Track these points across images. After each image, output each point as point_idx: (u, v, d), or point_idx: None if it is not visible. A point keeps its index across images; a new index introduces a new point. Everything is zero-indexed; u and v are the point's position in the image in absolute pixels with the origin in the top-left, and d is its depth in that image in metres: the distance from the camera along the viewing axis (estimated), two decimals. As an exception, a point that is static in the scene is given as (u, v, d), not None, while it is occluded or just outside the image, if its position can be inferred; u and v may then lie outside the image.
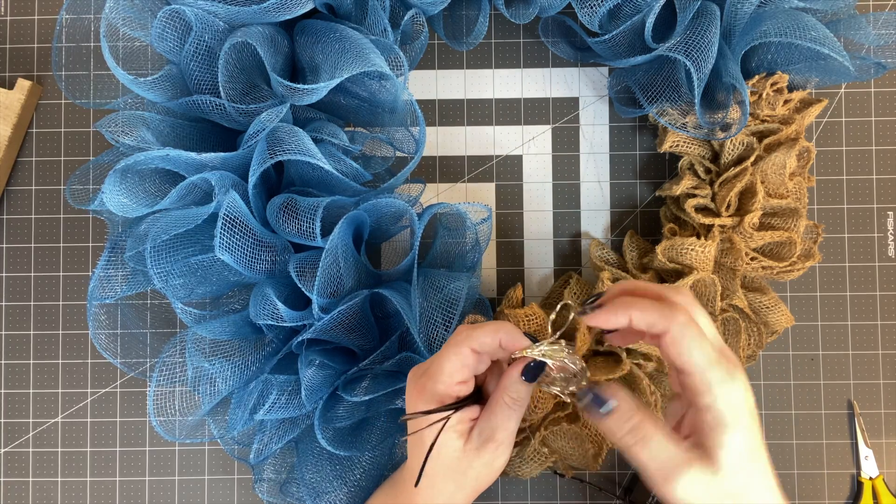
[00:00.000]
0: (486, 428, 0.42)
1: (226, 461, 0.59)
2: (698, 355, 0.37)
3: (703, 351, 0.37)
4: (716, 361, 0.37)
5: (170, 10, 0.50)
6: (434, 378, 0.41)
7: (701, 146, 0.56)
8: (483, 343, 0.41)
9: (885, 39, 0.53)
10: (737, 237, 0.54)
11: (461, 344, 0.41)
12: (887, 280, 0.59)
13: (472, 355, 0.41)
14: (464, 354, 0.41)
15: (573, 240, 0.60)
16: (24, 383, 0.59)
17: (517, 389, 0.41)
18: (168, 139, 0.52)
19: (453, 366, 0.41)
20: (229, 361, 0.52)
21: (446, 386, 0.41)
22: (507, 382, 0.41)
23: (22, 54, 0.60)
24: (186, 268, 0.50)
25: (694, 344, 0.37)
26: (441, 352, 0.42)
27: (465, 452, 0.42)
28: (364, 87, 0.54)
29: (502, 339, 0.41)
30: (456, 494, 0.43)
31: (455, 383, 0.41)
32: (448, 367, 0.41)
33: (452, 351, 0.41)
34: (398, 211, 0.53)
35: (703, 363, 0.37)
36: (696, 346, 0.37)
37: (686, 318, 0.38)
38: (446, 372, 0.41)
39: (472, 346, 0.41)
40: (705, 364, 0.37)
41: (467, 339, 0.41)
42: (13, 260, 0.60)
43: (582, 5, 0.53)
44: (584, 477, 0.58)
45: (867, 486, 0.58)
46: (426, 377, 0.42)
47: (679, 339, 0.37)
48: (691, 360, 0.37)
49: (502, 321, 0.42)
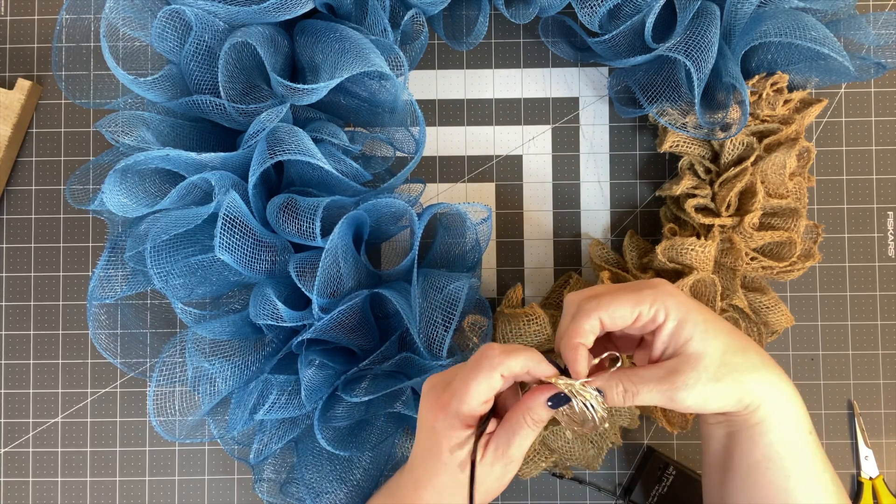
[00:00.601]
0: (503, 444, 0.42)
1: (226, 461, 0.59)
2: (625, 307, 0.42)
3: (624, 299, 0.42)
4: (635, 296, 0.42)
5: (170, 10, 0.50)
6: (460, 398, 0.41)
7: (701, 146, 0.56)
8: (514, 371, 0.41)
9: (885, 39, 0.53)
10: (737, 237, 0.54)
11: (494, 369, 0.41)
12: (887, 280, 0.59)
13: (501, 380, 0.41)
14: (494, 379, 0.41)
15: (573, 240, 0.60)
16: (24, 383, 0.59)
17: (540, 413, 0.42)
18: (168, 139, 0.52)
19: (482, 389, 0.41)
20: (229, 361, 0.52)
21: (471, 408, 0.41)
22: (533, 405, 0.42)
23: (22, 54, 0.60)
24: (186, 268, 0.50)
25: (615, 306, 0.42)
26: (470, 372, 0.41)
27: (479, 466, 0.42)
28: (364, 87, 0.54)
29: (531, 369, 0.41)
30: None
31: (481, 405, 0.41)
32: (477, 390, 0.41)
33: (484, 375, 0.41)
34: (398, 211, 0.53)
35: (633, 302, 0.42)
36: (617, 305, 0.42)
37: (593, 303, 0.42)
38: (474, 395, 0.41)
39: (503, 372, 0.41)
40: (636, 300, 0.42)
41: (500, 365, 0.41)
42: (13, 260, 0.60)
43: (582, 5, 0.53)
44: (584, 477, 0.58)
45: (867, 486, 0.58)
46: (450, 394, 0.42)
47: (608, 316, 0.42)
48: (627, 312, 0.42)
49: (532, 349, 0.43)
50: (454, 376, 0.42)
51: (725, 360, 0.41)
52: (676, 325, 0.42)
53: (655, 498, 0.56)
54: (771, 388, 0.42)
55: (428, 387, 0.43)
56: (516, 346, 0.42)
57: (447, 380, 0.43)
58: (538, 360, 0.42)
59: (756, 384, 0.42)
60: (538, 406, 0.42)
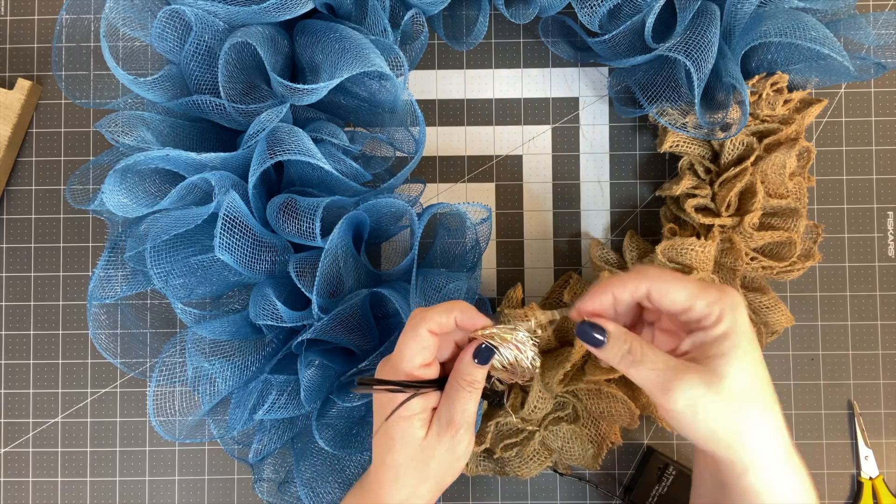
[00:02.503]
0: (445, 412, 0.42)
1: (226, 461, 0.59)
2: (681, 292, 0.39)
3: (685, 286, 0.39)
4: (703, 287, 0.39)
5: (170, 10, 0.50)
6: (394, 364, 0.41)
7: (701, 146, 0.56)
8: (439, 323, 0.41)
9: (885, 39, 0.53)
10: (737, 237, 0.54)
11: (417, 326, 0.41)
12: (887, 280, 0.59)
13: (430, 336, 0.41)
14: (421, 336, 0.41)
15: (573, 240, 0.60)
16: (24, 383, 0.59)
17: (471, 372, 0.41)
18: (168, 139, 0.52)
19: (412, 349, 0.41)
20: (229, 361, 0.52)
21: (409, 370, 0.41)
22: (461, 365, 0.41)
23: (22, 54, 0.60)
24: (186, 268, 0.50)
25: (672, 286, 0.39)
26: (401, 336, 0.42)
27: (428, 440, 0.42)
28: (364, 87, 0.54)
29: (458, 318, 0.41)
30: (419, 487, 0.42)
31: (417, 366, 0.41)
32: (407, 351, 0.41)
33: (409, 334, 0.41)
34: (398, 211, 0.53)
35: (690, 294, 0.39)
36: (674, 287, 0.39)
37: (656, 272, 0.40)
38: (406, 356, 0.41)
39: (428, 327, 0.40)
40: (694, 293, 0.39)
41: (422, 320, 0.41)
42: (13, 260, 0.60)
43: (582, 5, 0.53)
44: (584, 477, 0.58)
45: (867, 486, 0.58)
46: (388, 364, 0.42)
47: (660, 289, 0.39)
48: (679, 298, 0.39)
49: (457, 300, 0.42)
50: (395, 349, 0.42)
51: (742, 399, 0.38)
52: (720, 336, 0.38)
53: (655, 498, 0.56)
54: (773, 457, 0.39)
55: (377, 368, 0.44)
56: (439, 304, 0.41)
57: (389, 355, 0.43)
58: (462, 308, 0.41)
59: (756, 446, 0.38)
60: (465, 365, 0.41)
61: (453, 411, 0.41)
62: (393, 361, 0.42)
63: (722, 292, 0.39)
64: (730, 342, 0.38)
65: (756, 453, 0.39)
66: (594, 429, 0.56)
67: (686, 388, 0.38)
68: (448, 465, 0.43)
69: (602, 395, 0.54)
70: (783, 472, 0.39)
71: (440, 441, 0.42)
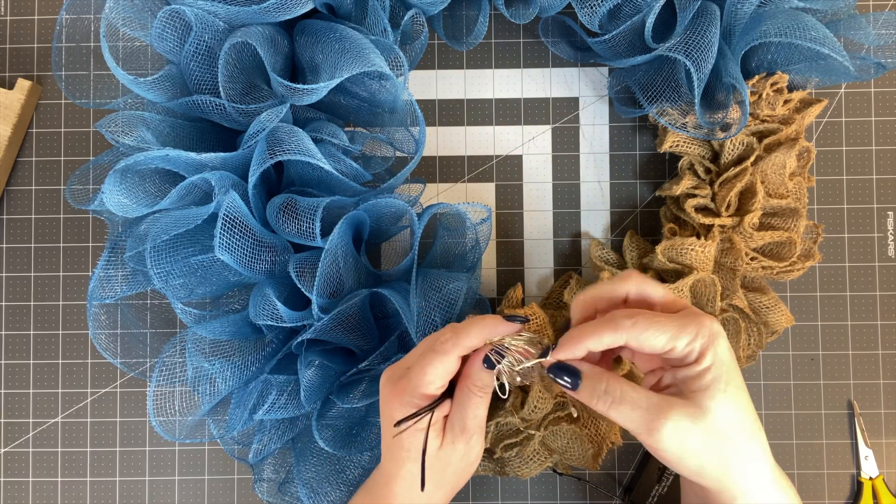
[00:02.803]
0: (458, 420, 0.42)
1: (226, 461, 0.59)
2: (661, 338, 0.38)
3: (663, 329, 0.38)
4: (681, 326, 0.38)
5: (170, 10, 0.50)
6: (415, 385, 0.41)
7: (701, 146, 0.56)
8: (469, 348, 0.41)
9: (885, 39, 0.53)
10: (737, 237, 0.54)
11: (449, 352, 0.40)
12: (887, 280, 0.59)
13: (458, 361, 0.41)
14: (450, 360, 0.40)
15: (573, 240, 0.60)
16: (24, 383, 0.59)
17: (481, 378, 0.41)
18: (168, 139, 0.52)
19: (437, 373, 0.40)
20: (229, 361, 0.52)
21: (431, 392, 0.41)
22: (471, 371, 0.41)
23: (22, 54, 0.60)
24: (186, 268, 0.50)
25: (650, 333, 0.38)
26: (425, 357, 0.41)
27: (444, 449, 0.42)
28: (364, 87, 0.54)
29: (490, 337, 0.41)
30: (435, 493, 0.43)
31: (438, 388, 0.41)
32: (432, 374, 0.40)
33: (439, 359, 0.40)
34: (398, 211, 0.53)
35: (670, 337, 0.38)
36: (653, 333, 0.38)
37: (630, 322, 0.38)
38: (430, 380, 0.40)
39: (459, 353, 0.40)
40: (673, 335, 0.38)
41: (455, 346, 0.40)
42: (13, 260, 0.60)
43: (582, 5, 0.53)
44: (584, 477, 0.58)
45: (867, 486, 0.58)
46: (406, 381, 0.41)
47: (638, 339, 0.38)
48: (659, 344, 0.38)
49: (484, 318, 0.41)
50: (411, 363, 0.42)
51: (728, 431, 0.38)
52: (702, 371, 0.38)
53: (655, 498, 0.56)
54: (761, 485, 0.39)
55: (385, 378, 0.43)
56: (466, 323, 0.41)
57: (404, 367, 0.42)
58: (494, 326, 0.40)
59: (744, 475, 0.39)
60: (476, 371, 0.41)
61: (466, 418, 0.41)
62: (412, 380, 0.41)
63: (699, 325, 0.38)
64: (711, 375, 0.38)
65: (745, 481, 0.39)
66: (594, 429, 0.56)
67: (672, 426, 0.37)
68: (463, 470, 0.43)
69: (602, 395, 0.54)
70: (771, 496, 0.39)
71: (455, 448, 0.42)
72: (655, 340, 0.38)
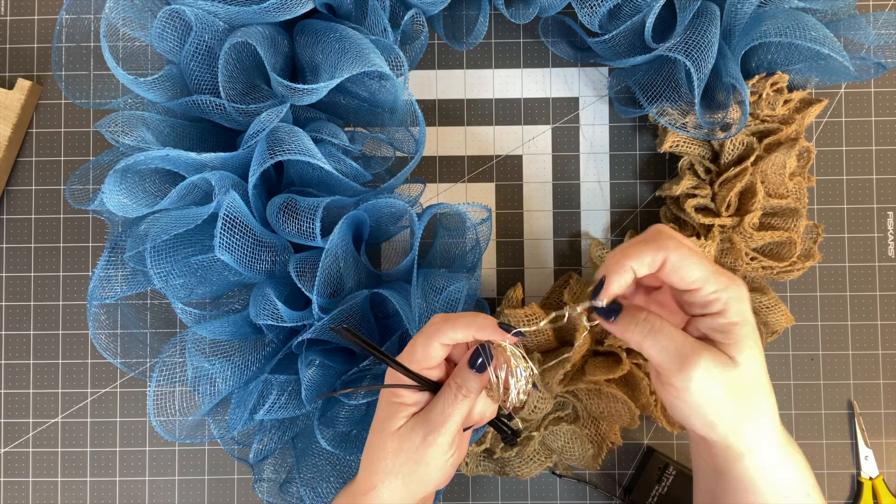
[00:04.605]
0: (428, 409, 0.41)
1: (226, 461, 0.59)
2: (697, 271, 0.39)
3: (702, 266, 0.39)
4: (717, 272, 0.39)
5: (170, 10, 0.50)
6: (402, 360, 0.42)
7: (701, 146, 0.56)
8: (453, 338, 0.40)
9: (885, 39, 0.53)
10: (737, 237, 0.54)
11: (432, 336, 0.40)
12: (887, 280, 0.59)
13: (442, 348, 0.41)
14: (433, 347, 0.40)
15: (573, 240, 0.60)
16: (24, 383, 0.59)
17: (463, 376, 0.41)
18: (168, 139, 0.52)
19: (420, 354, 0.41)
20: (229, 361, 0.52)
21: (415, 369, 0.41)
22: (458, 369, 0.41)
23: (22, 54, 0.60)
24: (186, 268, 0.50)
25: (691, 262, 0.39)
26: (413, 339, 0.42)
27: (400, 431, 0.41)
28: (364, 87, 0.54)
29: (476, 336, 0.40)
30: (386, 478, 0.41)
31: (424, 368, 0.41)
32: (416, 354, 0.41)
33: (422, 341, 0.41)
34: (398, 211, 0.53)
35: (705, 275, 0.39)
36: (693, 263, 0.39)
37: (676, 244, 0.39)
38: (415, 359, 0.41)
39: (441, 341, 0.40)
40: (708, 275, 0.39)
41: (437, 332, 0.40)
42: (13, 260, 0.60)
43: (582, 5, 0.53)
44: (584, 477, 0.58)
45: (867, 486, 0.58)
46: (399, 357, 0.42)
47: (677, 263, 0.39)
48: (694, 276, 0.39)
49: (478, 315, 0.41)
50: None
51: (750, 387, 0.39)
52: (729, 325, 0.39)
53: (655, 498, 0.56)
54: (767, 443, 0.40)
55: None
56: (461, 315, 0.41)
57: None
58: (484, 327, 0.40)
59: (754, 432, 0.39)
60: (460, 368, 0.41)
61: (433, 409, 0.41)
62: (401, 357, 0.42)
63: (732, 281, 0.39)
64: (743, 331, 0.39)
65: (754, 439, 0.39)
66: (594, 429, 0.56)
67: (703, 366, 0.38)
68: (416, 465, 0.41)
69: (602, 395, 0.54)
70: (778, 459, 0.40)
71: (411, 435, 0.41)
72: (692, 271, 0.38)
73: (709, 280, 0.39)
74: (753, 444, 0.39)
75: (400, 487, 0.41)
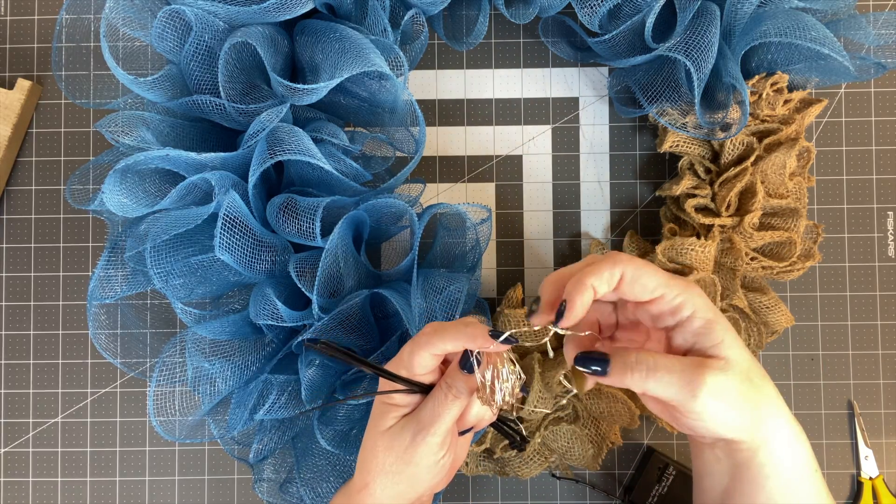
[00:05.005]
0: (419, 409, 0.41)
1: (226, 461, 0.59)
2: (654, 279, 0.39)
3: (658, 274, 0.40)
4: (672, 277, 0.40)
5: (170, 10, 0.50)
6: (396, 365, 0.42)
7: (701, 146, 0.56)
8: (444, 350, 0.41)
9: (885, 39, 0.53)
10: (737, 237, 0.54)
11: (421, 347, 0.41)
12: (887, 280, 0.59)
13: (433, 358, 0.41)
14: (421, 357, 0.41)
15: (573, 240, 0.60)
16: (24, 383, 0.59)
17: (454, 376, 0.41)
18: (168, 139, 0.52)
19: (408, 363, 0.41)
20: (229, 361, 0.52)
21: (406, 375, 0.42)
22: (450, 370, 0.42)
23: (22, 54, 0.60)
24: (186, 268, 0.50)
25: (646, 271, 0.39)
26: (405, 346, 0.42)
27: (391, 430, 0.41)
28: (364, 87, 0.54)
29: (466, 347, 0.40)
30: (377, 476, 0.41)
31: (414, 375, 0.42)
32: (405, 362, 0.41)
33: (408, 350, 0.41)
34: (398, 211, 0.53)
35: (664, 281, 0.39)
36: (648, 272, 0.39)
37: (629, 258, 0.40)
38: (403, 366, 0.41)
39: (432, 352, 0.41)
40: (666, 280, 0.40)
41: (426, 344, 0.41)
42: (13, 260, 0.60)
43: (582, 5, 0.53)
44: (584, 477, 0.58)
45: (867, 486, 0.58)
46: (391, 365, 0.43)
47: (634, 274, 0.39)
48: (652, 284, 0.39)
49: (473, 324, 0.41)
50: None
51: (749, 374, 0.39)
52: (705, 325, 0.39)
53: (655, 498, 0.56)
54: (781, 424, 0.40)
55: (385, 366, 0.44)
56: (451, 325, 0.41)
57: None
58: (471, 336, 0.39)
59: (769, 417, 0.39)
60: (451, 369, 0.41)
61: (423, 409, 0.41)
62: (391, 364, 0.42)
63: (688, 284, 0.40)
64: (720, 327, 0.39)
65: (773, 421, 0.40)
66: (594, 429, 0.56)
67: (711, 382, 0.37)
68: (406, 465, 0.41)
69: (602, 395, 0.54)
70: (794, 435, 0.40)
71: (401, 434, 0.41)
72: (649, 279, 0.39)
73: (668, 285, 0.39)
74: (773, 426, 0.40)
75: (390, 486, 0.42)
